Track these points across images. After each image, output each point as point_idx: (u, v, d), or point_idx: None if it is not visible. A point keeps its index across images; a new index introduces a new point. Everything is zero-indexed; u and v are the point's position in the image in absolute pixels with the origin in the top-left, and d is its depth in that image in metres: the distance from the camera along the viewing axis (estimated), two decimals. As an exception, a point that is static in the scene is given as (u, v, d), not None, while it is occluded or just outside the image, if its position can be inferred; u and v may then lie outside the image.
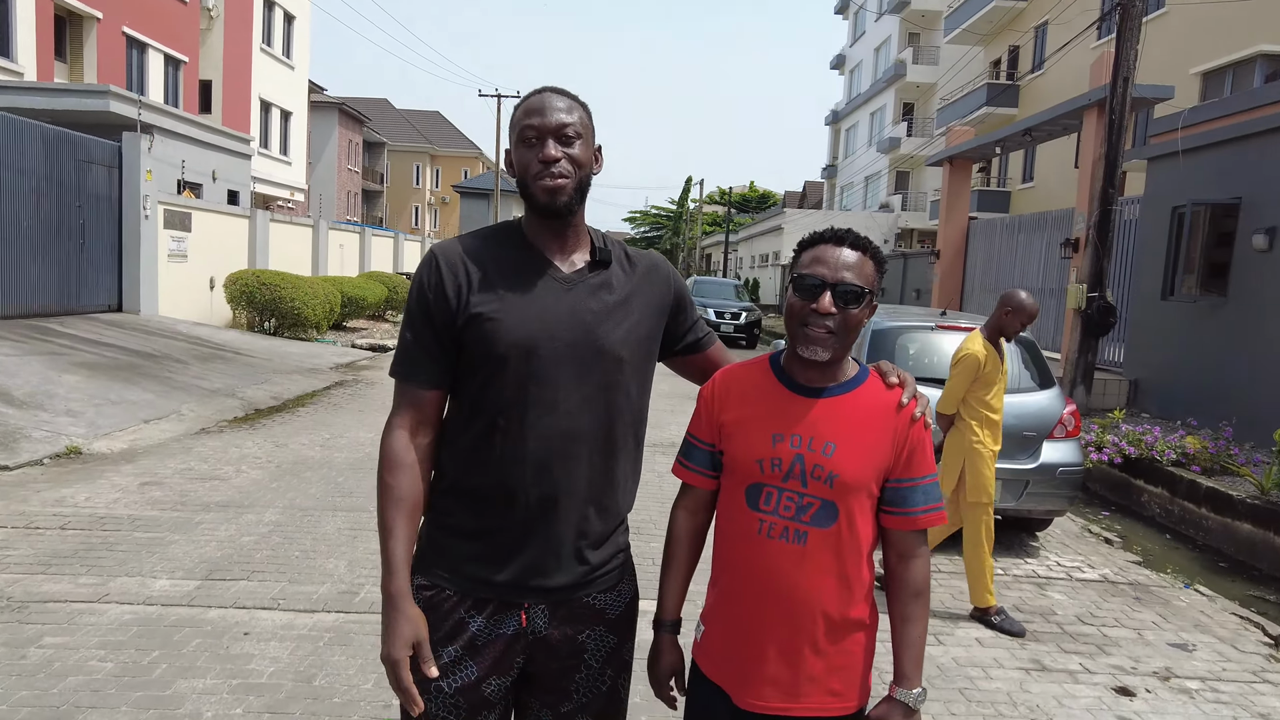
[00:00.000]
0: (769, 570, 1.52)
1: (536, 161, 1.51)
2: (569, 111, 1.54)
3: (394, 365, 1.59)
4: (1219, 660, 3.99)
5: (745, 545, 1.55)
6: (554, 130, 1.52)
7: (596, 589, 1.60)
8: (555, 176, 1.51)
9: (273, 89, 26.68)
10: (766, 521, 1.52)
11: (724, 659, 1.59)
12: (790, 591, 1.51)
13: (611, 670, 1.63)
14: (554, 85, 1.59)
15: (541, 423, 1.50)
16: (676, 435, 8.06)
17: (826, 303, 1.47)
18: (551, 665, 1.57)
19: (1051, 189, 23.63)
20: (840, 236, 1.52)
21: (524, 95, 1.58)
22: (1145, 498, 7.13)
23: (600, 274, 1.59)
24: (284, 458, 6.64)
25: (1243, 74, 16.99)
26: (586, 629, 1.59)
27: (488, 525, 1.53)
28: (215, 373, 9.82)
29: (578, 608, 1.58)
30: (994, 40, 29.14)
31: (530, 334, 1.49)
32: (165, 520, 4.96)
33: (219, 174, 19.08)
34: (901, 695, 1.53)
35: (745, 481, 1.55)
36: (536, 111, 1.53)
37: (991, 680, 3.61)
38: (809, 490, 1.50)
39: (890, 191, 37.57)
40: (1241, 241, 8.96)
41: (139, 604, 3.79)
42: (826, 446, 1.51)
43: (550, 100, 1.54)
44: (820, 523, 1.50)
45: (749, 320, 19.92)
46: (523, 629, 1.54)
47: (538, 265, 1.56)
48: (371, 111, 49.47)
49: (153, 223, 12.57)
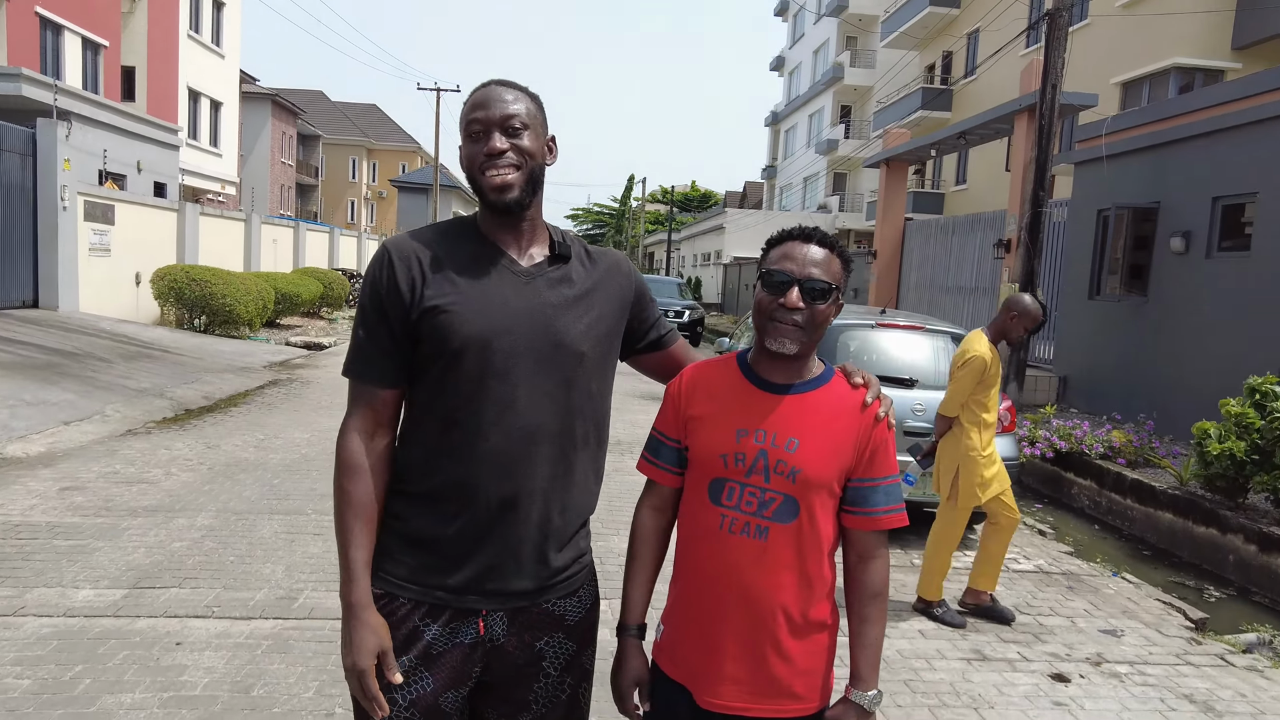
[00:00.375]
0: (730, 565, 1.52)
1: (482, 155, 1.47)
2: (515, 102, 1.50)
3: (348, 364, 1.52)
4: (1145, 645, 4.16)
5: (707, 541, 1.54)
6: (500, 122, 1.48)
7: (557, 594, 1.55)
8: (502, 169, 1.47)
9: (201, 77, 25.71)
10: (728, 516, 1.52)
11: (685, 656, 1.58)
12: (750, 587, 1.51)
13: (571, 679, 1.59)
14: (501, 78, 1.55)
15: (501, 420, 1.46)
16: (622, 434, 8.07)
17: (794, 298, 1.49)
18: (509, 674, 1.53)
19: (983, 191, 24.39)
20: (808, 234, 1.54)
21: (471, 90, 1.55)
22: (1075, 490, 7.40)
23: (560, 268, 1.55)
24: (217, 459, 6.40)
25: (1158, 84, 17.81)
26: (545, 636, 1.54)
27: (444, 528, 1.47)
28: (142, 372, 9.41)
29: (537, 614, 1.53)
30: (929, 45, 29.93)
31: (487, 327, 1.44)
32: (88, 527, 4.72)
33: (144, 165, 18.31)
34: (857, 697, 1.54)
35: (708, 476, 1.55)
36: (481, 105, 1.49)
37: (935, 671, 3.69)
38: (771, 485, 1.50)
39: (828, 193, 38.26)
40: (1160, 244, 9.39)
41: (59, 616, 3.59)
42: (790, 442, 1.51)
43: (496, 92, 1.51)
44: (781, 518, 1.50)
45: (692, 318, 20.05)
46: (480, 638, 1.49)
47: (494, 259, 1.51)
48: (306, 103, 48.14)
49: (72, 214, 11.98)
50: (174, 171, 20.21)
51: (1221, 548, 5.73)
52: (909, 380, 5.46)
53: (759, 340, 1.56)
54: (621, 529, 5.20)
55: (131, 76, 21.97)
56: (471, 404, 1.46)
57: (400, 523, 1.50)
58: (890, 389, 5.24)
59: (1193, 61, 17.21)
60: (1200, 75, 17.27)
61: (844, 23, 36.93)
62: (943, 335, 5.83)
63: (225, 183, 27.91)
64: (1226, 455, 5.70)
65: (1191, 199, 8.96)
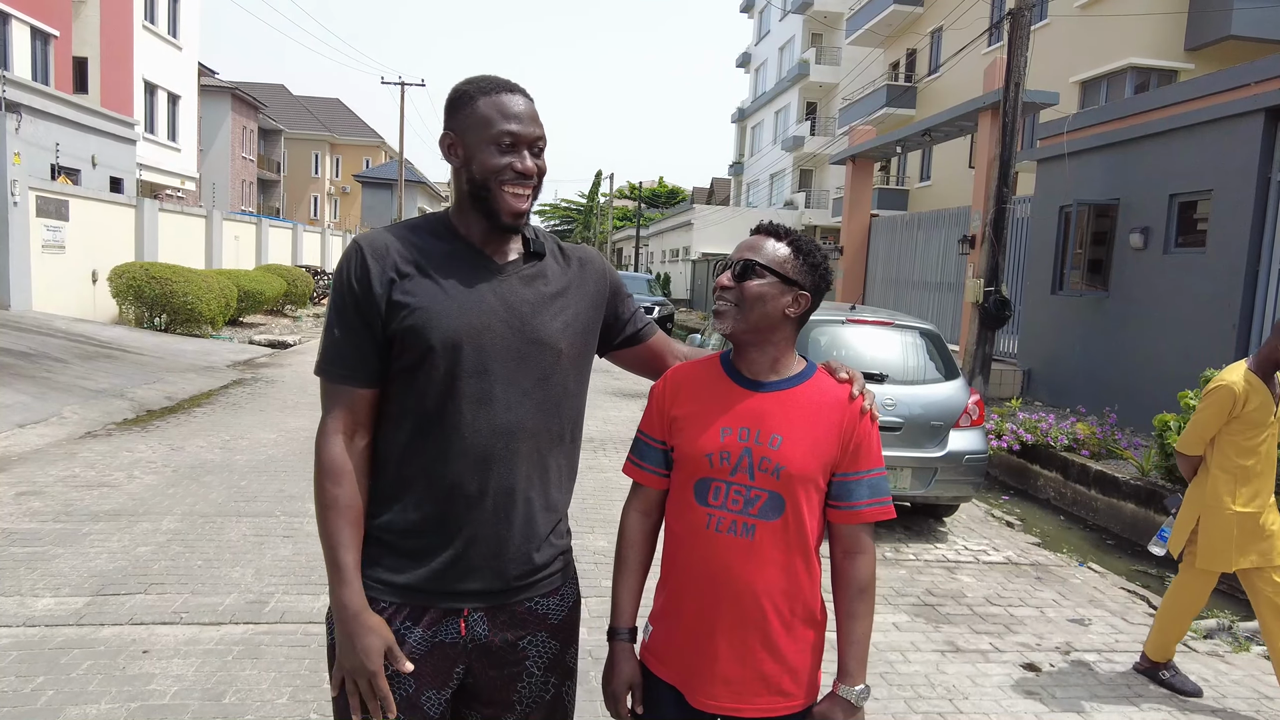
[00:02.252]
0: (718, 565, 1.52)
1: (510, 170, 1.45)
2: (539, 121, 1.50)
3: (322, 364, 1.48)
4: (1112, 632, 4.25)
5: (694, 541, 1.55)
6: (531, 142, 1.47)
7: (539, 592, 1.54)
8: (525, 192, 1.47)
9: (158, 70, 25.07)
10: (715, 515, 1.53)
11: (676, 657, 1.58)
12: (740, 585, 1.51)
13: (555, 678, 1.58)
14: (515, 83, 1.51)
15: (477, 418, 1.44)
16: (595, 431, 8.04)
17: (725, 277, 1.55)
18: (491, 674, 1.51)
19: (947, 188, 24.73)
20: (769, 229, 1.59)
21: (482, 87, 1.47)
22: (1041, 482, 7.54)
23: (534, 265, 1.54)
24: (181, 461, 6.25)
25: (1115, 84, 18.20)
26: (527, 635, 1.53)
27: (422, 527, 1.45)
28: (101, 372, 9.16)
29: (519, 613, 1.52)
30: (893, 43, 30.24)
31: (463, 326, 1.43)
32: (47, 533, 4.58)
33: (99, 159, 17.83)
34: (844, 692, 1.54)
35: (694, 476, 1.55)
36: (517, 117, 1.45)
37: (910, 664, 3.73)
38: (756, 483, 1.51)
39: (794, 189, 38.51)
40: (1120, 240, 9.59)
41: (18, 626, 3.48)
42: (773, 439, 1.52)
43: (529, 108, 1.48)
44: (767, 515, 1.51)
45: (661, 314, 20.06)
46: (461, 638, 1.47)
47: (469, 256, 1.49)
48: (268, 97, 47.22)
49: (23, 210, 11.62)
50: (131, 166, 19.70)
51: (1182, 536, 5.88)
52: (879, 375, 5.51)
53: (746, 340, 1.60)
54: (596, 527, 5.19)
55: (84, 68, 21.33)
56: (447, 402, 1.44)
57: (377, 523, 1.48)
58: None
59: (1148, 62, 17.61)
60: (1155, 75, 17.68)
61: (809, 20, 37.18)
62: (911, 331, 5.90)
63: (184, 178, 27.27)
64: (1186, 446, 5.84)
65: (1150, 196, 9.17)
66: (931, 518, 6.07)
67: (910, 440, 5.42)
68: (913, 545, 5.46)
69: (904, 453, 5.38)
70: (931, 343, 5.87)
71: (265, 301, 16.77)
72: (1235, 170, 7.99)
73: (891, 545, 5.42)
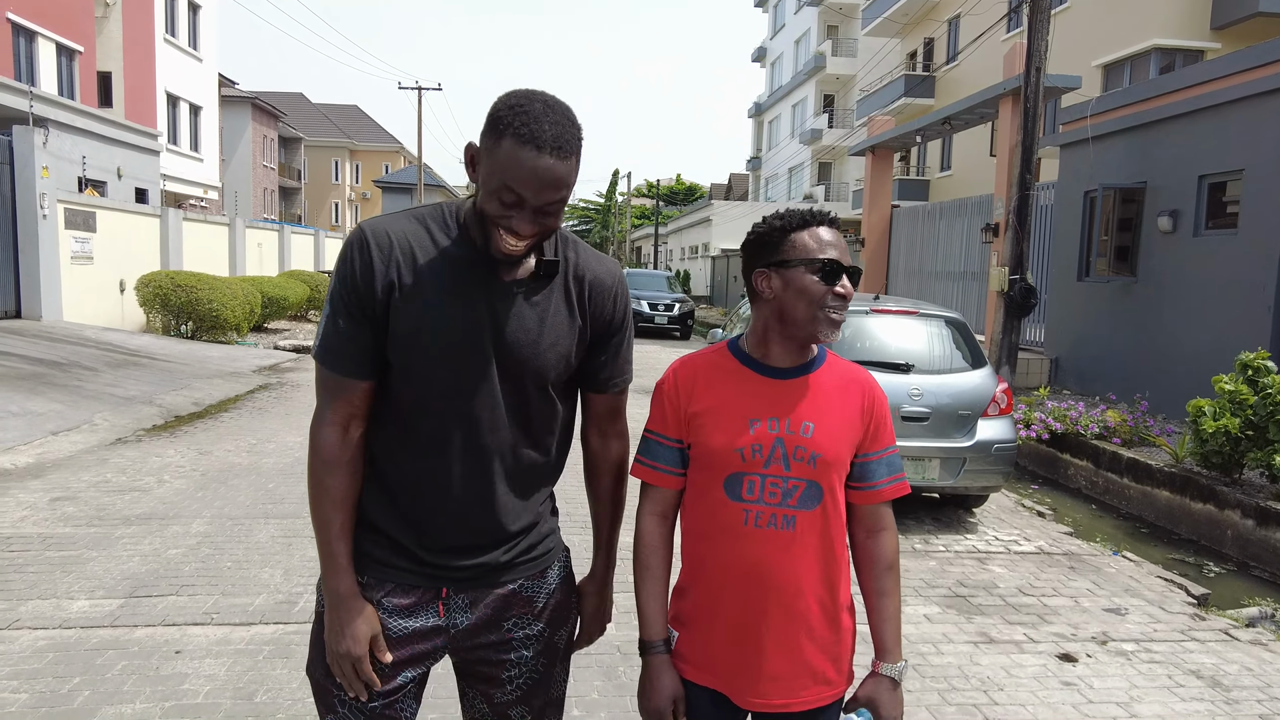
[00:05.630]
0: (758, 560, 1.48)
1: (506, 224, 1.34)
2: (563, 183, 1.32)
3: (322, 354, 1.44)
4: (1150, 622, 4.16)
5: (730, 539, 1.50)
6: (537, 207, 1.33)
7: (521, 574, 1.54)
8: (520, 244, 1.37)
9: (179, 82, 25.42)
10: (752, 511, 1.48)
11: (716, 661, 1.53)
12: (784, 579, 1.48)
13: (545, 660, 1.59)
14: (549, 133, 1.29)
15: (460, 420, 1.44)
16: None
17: (849, 285, 1.48)
18: (479, 655, 1.55)
19: (968, 177, 24.44)
20: (829, 219, 1.53)
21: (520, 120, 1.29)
22: (1072, 470, 7.42)
23: (542, 285, 1.47)
24: (209, 465, 6.32)
25: (1139, 66, 17.87)
26: (513, 618, 1.54)
27: (401, 512, 1.48)
28: (130, 379, 9.29)
29: (503, 596, 1.53)
30: (910, 32, 29.93)
31: (453, 342, 1.41)
32: (81, 537, 4.64)
33: (124, 171, 18.09)
34: (886, 669, 1.53)
35: (724, 471, 1.50)
36: (530, 179, 1.29)
37: (943, 655, 3.67)
38: (793, 473, 1.48)
39: (813, 182, 38.27)
40: (1148, 224, 9.42)
41: (55, 628, 3.52)
42: (805, 426, 1.49)
43: (550, 170, 1.29)
44: (807, 504, 1.48)
45: (682, 311, 20.00)
46: (441, 621, 1.50)
47: (473, 262, 1.43)
48: (287, 106, 47.73)
49: (52, 222, 11.81)
50: (155, 177, 19.98)
51: (1219, 523, 5.76)
52: (905, 365, 5.44)
53: (802, 329, 1.49)
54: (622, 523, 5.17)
55: (108, 82, 21.69)
56: (433, 403, 1.44)
57: (360, 509, 1.50)
58: (886, 374, 5.22)
59: (1173, 42, 17.28)
60: (1180, 56, 17.34)
61: (824, 11, 36.91)
62: (937, 320, 5.82)
63: (207, 187, 27.63)
64: (1222, 432, 5.72)
65: (1178, 178, 8.99)
66: (961, 509, 5.99)
67: (938, 430, 5.35)
68: (942, 537, 5.38)
69: (931, 443, 5.31)
70: (957, 331, 5.79)
71: (289, 307, 16.92)
72: (1267, 148, 7.81)
73: (921, 537, 5.35)
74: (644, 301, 19.84)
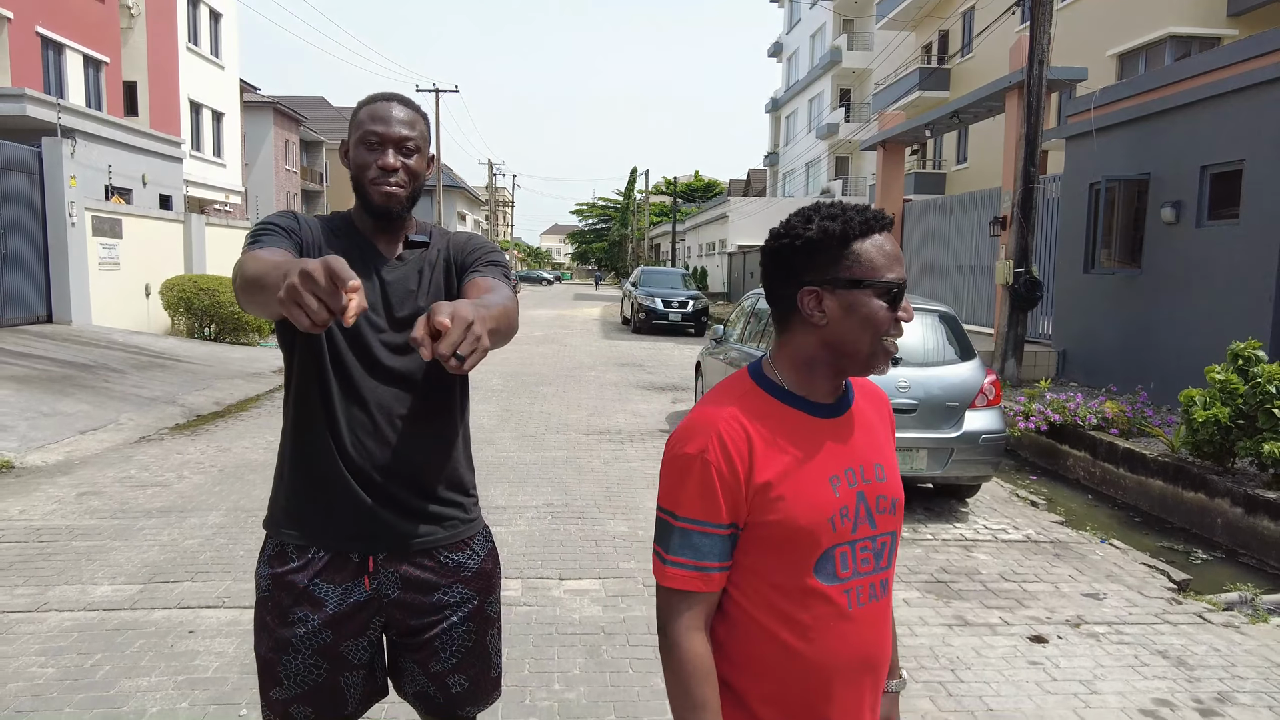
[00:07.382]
0: (860, 644, 1.23)
1: (375, 166, 1.60)
2: (411, 125, 1.63)
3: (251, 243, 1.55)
4: (1126, 606, 4.27)
5: (834, 636, 1.21)
6: (395, 141, 1.61)
7: (439, 542, 1.67)
8: (393, 186, 1.61)
9: (202, 89, 25.97)
10: (853, 589, 1.22)
11: None
12: (880, 658, 1.26)
13: (476, 626, 1.72)
14: (399, 94, 1.68)
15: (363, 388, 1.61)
16: (623, 423, 8.16)
17: (911, 309, 1.23)
18: (411, 623, 1.66)
19: (984, 170, 24.31)
20: (890, 222, 1.23)
21: (369, 98, 1.66)
22: (1070, 461, 7.50)
23: (418, 254, 1.70)
24: (227, 462, 6.60)
25: (1154, 55, 17.72)
26: (443, 586, 1.67)
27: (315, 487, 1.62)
28: (154, 381, 9.63)
29: (430, 567, 1.67)
30: (924, 25, 29.80)
31: None
32: (105, 528, 4.92)
33: (149, 178, 18.56)
34: (894, 686, 1.44)
35: (814, 552, 1.19)
36: (381, 119, 1.61)
37: (916, 636, 3.82)
38: (880, 529, 1.25)
39: (831, 177, 38.19)
40: (1152, 215, 9.43)
41: (79, 610, 3.78)
42: (878, 470, 1.26)
43: (395, 110, 1.62)
44: (893, 559, 1.29)
45: (696, 308, 20.15)
46: (369, 593, 1.63)
47: (366, 253, 1.66)
48: (307, 110, 48.35)
49: (80, 230, 12.22)
50: (179, 183, 20.46)
51: (1210, 511, 5.83)
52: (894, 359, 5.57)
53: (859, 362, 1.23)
54: (619, 514, 5.34)
55: (133, 91, 22.23)
56: (334, 375, 1.61)
57: (282, 482, 1.69)
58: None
59: (1188, 30, 17.13)
60: (1196, 44, 17.17)
61: (840, 5, 36.80)
62: (927, 314, 5.94)
63: (230, 192, 28.18)
64: (1212, 422, 5.79)
65: (1181, 169, 9.00)
66: (953, 499, 6.11)
67: (925, 421, 5.48)
68: (931, 525, 5.52)
69: (919, 434, 5.44)
70: (947, 324, 5.91)
71: (309, 309, 17.28)
72: (1268, 138, 7.82)
73: (909, 526, 5.48)
74: (659, 299, 20.05)
